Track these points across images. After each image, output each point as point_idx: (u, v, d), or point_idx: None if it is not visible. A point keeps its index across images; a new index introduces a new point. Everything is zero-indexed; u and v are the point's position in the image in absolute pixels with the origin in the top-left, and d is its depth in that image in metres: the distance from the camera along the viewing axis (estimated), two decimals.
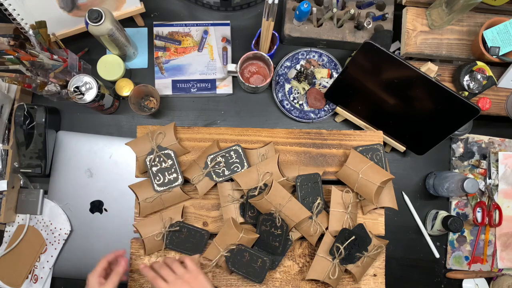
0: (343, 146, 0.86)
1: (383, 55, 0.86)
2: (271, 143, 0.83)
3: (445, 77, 0.98)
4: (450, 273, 1.02)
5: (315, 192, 0.81)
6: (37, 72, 0.90)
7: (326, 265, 0.77)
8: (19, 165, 0.96)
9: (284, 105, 1.02)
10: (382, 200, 0.83)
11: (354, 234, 0.77)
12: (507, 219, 1.02)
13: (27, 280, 0.96)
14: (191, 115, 1.03)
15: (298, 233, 0.81)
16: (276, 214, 0.77)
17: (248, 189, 0.79)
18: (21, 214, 0.98)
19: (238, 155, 0.81)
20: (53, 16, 0.91)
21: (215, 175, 0.80)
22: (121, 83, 0.99)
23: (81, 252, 0.97)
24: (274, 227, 0.78)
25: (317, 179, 0.81)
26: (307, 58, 1.03)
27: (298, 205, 0.77)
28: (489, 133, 1.05)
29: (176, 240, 0.80)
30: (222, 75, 1.02)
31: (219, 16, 1.06)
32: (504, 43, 0.90)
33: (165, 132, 0.81)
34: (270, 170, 0.79)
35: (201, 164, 0.81)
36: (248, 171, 0.80)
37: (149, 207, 0.80)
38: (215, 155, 0.80)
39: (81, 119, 1.03)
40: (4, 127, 0.97)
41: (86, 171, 0.98)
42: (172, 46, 1.02)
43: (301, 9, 0.89)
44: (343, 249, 0.75)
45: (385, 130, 0.97)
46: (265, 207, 0.77)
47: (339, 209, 0.79)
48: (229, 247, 0.77)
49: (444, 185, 0.95)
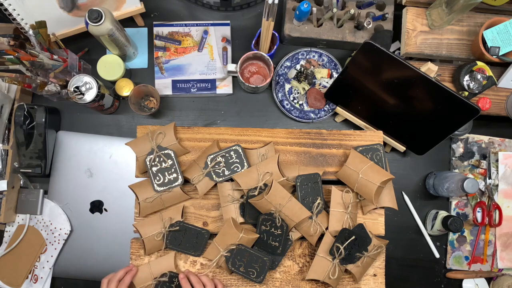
0: (343, 146, 0.86)
1: (383, 55, 0.86)
2: (271, 143, 0.83)
3: (445, 77, 0.98)
4: (450, 273, 1.02)
5: (315, 192, 0.81)
6: (37, 72, 0.90)
7: (326, 265, 0.77)
8: (19, 165, 0.96)
9: (284, 105, 1.02)
10: (382, 200, 0.83)
11: (354, 234, 0.76)
12: (507, 219, 1.02)
13: (27, 280, 0.96)
14: (191, 115, 1.03)
15: (298, 233, 0.81)
16: (276, 214, 0.77)
17: (248, 189, 0.79)
18: (21, 214, 0.98)
19: (238, 155, 0.81)
20: (53, 16, 0.91)
21: (215, 175, 0.80)
22: (121, 83, 0.99)
23: (81, 252, 0.97)
24: (274, 227, 0.78)
25: (317, 179, 0.81)
26: (307, 58, 1.03)
27: (298, 205, 0.77)
28: (489, 133, 1.05)
29: (176, 240, 0.80)
30: (222, 75, 1.02)
31: (219, 16, 1.06)
32: (504, 43, 0.90)
33: (165, 132, 0.81)
34: (270, 170, 0.79)
35: (201, 164, 0.81)
36: (248, 171, 0.80)
37: (149, 207, 0.80)
38: (215, 155, 0.80)
39: (81, 119, 1.03)
40: (4, 127, 0.97)
41: (86, 171, 0.98)
42: (172, 46, 1.02)
43: (301, 9, 0.89)
44: (343, 249, 0.75)
45: (385, 130, 0.97)
46: (265, 207, 0.77)
47: (339, 209, 0.79)
48: (229, 247, 0.77)
49: (444, 185, 0.95)
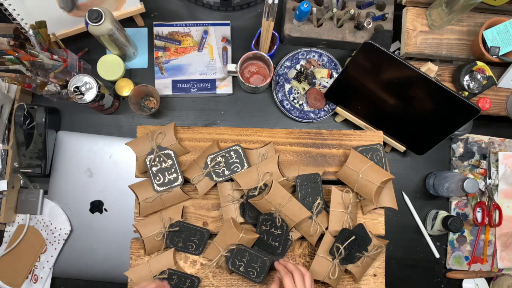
0: (343, 146, 0.86)
1: (383, 55, 0.86)
2: (271, 143, 0.83)
3: (445, 77, 0.98)
4: (450, 273, 1.02)
5: (315, 192, 0.81)
6: (37, 72, 0.90)
7: (326, 265, 0.77)
8: (19, 165, 0.96)
9: (284, 105, 1.02)
10: (382, 200, 0.83)
11: (354, 234, 0.76)
12: (507, 219, 1.02)
13: (27, 280, 0.96)
14: (191, 115, 1.03)
15: (298, 233, 0.81)
16: (276, 214, 0.77)
17: (248, 189, 0.79)
18: (21, 214, 0.98)
19: (238, 155, 0.81)
20: (53, 16, 0.91)
21: (215, 175, 0.80)
22: (121, 83, 0.99)
23: (81, 252, 0.97)
24: (274, 227, 0.78)
25: (317, 179, 0.81)
26: (307, 58, 1.03)
27: (298, 205, 0.77)
28: (489, 133, 1.05)
29: (176, 240, 0.80)
30: (222, 75, 1.02)
31: (219, 16, 1.06)
32: (504, 43, 0.90)
33: (165, 132, 0.81)
34: (270, 170, 0.79)
35: (201, 164, 0.81)
36: (248, 171, 0.80)
37: (149, 207, 0.80)
38: (215, 155, 0.80)
39: (81, 119, 1.03)
40: (4, 127, 0.97)
41: (86, 171, 0.98)
42: (172, 46, 1.02)
43: (301, 9, 0.89)
44: (343, 249, 0.75)
45: (385, 130, 0.97)
46: (265, 207, 0.77)
47: (339, 209, 0.79)
48: (229, 247, 0.77)
49: (444, 185, 0.95)
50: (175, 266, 0.79)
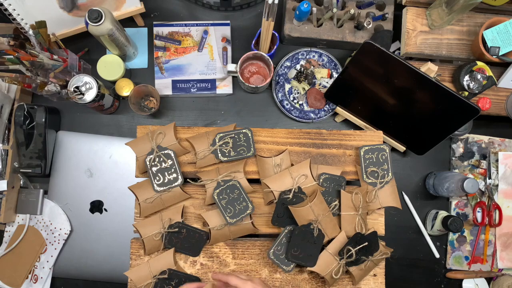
0: (343, 146, 0.86)
1: (383, 55, 0.86)
2: (286, 150, 0.83)
3: (445, 77, 0.98)
4: (450, 273, 1.02)
5: (335, 194, 0.81)
6: (37, 72, 0.90)
7: (331, 263, 0.77)
8: (19, 165, 0.96)
9: (284, 105, 1.02)
10: (386, 199, 0.82)
11: (367, 240, 0.77)
12: (507, 219, 1.02)
13: (27, 280, 0.96)
14: (191, 115, 1.03)
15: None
16: (315, 224, 0.77)
17: (280, 191, 0.79)
18: (21, 214, 0.98)
19: (246, 139, 0.81)
20: (53, 16, 0.91)
21: (221, 153, 0.81)
22: (121, 83, 0.99)
23: (81, 252, 0.97)
24: (308, 238, 0.78)
25: (342, 183, 0.81)
26: (307, 58, 1.03)
27: (334, 221, 0.79)
28: (489, 133, 1.05)
29: (175, 240, 0.80)
30: (222, 75, 1.02)
31: (219, 16, 1.06)
32: (504, 43, 0.90)
33: (165, 132, 0.81)
34: (304, 173, 0.80)
35: (210, 140, 0.81)
36: (280, 175, 0.80)
37: (150, 207, 0.80)
38: (225, 134, 0.81)
39: (81, 119, 1.03)
40: (4, 127, 0.97)
41: (86, 171, 0.98)
42: (172, 46, 1.02)
43: (301, 9, 0.89)
44: (354, 252, 0.76)
45: (385, 130, 0.97)
46: (305, 216, 0.77)
47: (350, 212, 0.80)
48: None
49: (444, 185, 0.95)
50: (175, 266, 0.79)
